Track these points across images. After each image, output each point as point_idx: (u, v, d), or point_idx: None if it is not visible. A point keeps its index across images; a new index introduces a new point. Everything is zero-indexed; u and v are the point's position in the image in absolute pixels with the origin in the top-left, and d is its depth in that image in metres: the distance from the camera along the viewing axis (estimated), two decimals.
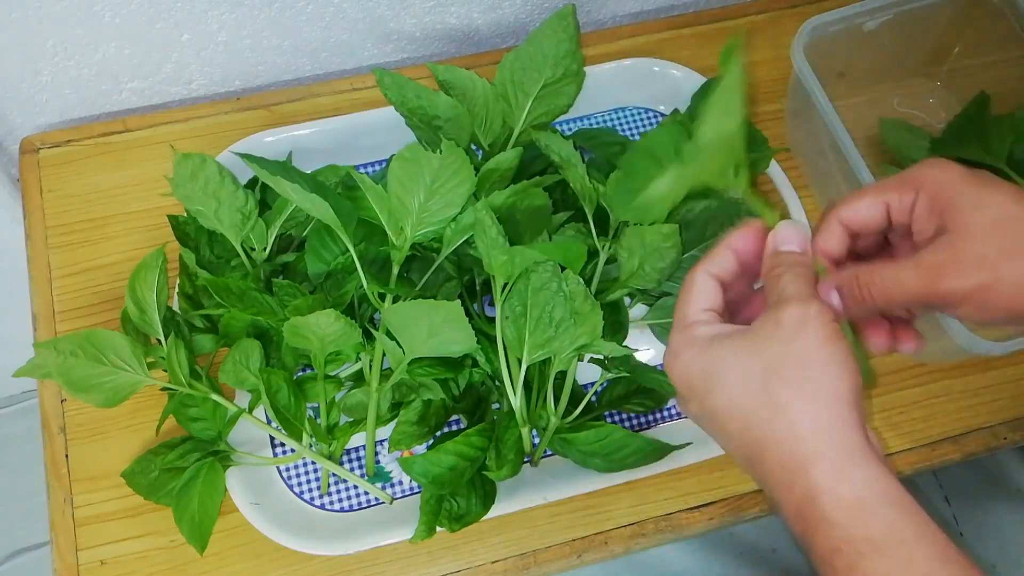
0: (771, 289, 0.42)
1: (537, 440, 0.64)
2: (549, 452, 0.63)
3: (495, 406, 0.64)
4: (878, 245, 0.46)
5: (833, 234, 0.43)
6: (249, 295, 0.59)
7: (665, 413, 0.67)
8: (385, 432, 0.63)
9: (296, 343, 0.58)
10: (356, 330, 0.57)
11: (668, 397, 0.65)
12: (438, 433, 0.62)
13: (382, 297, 0.60)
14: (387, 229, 0.59)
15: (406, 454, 0.62)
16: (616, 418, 0.66)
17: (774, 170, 0.71)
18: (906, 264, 0.40)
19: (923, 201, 0.41)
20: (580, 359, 0.62)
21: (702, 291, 0.44)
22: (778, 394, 0.39)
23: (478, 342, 0.58)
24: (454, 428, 0.65)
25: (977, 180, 0.40)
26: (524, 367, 0.59)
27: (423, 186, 0.57)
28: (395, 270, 0.60)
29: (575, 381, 0.63)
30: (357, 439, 0.64)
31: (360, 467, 0.65)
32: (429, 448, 0.59)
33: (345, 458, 0.65)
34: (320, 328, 0.56)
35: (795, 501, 0.38)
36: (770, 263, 0.43)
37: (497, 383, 0.62)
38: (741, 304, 0.47)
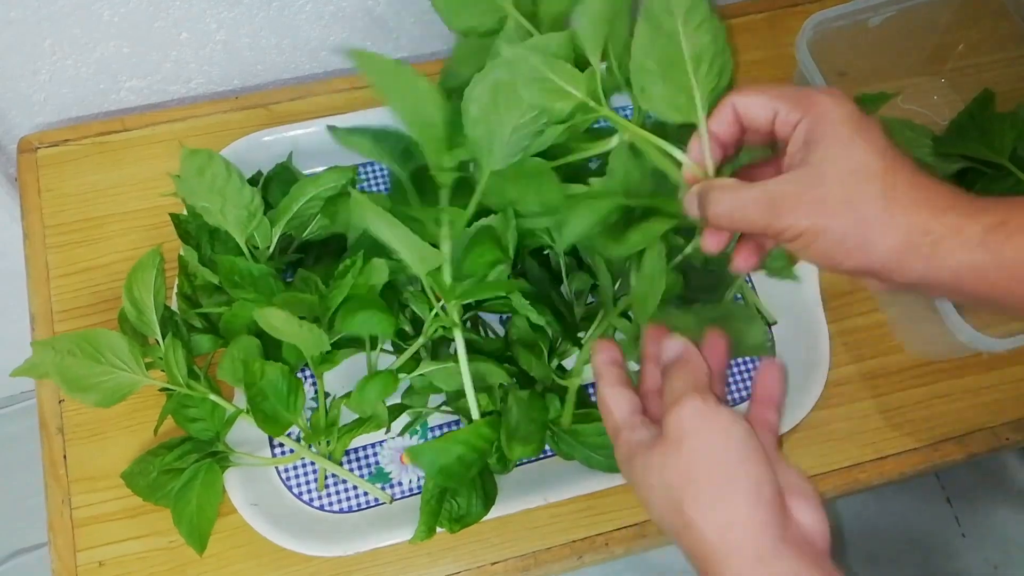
0: (662, 392, 0.44)
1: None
2: (551, 452, 0.63)
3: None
4: (763, 165, 0.46)
5: (724, 118, 0.44)
6: (264, 279, 0.59)
7: None
8: (382, 435, 0.63)
9: (280, 337, 0.58)
10: (319, 335, 0.57)
11: None
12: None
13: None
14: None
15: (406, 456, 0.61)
16: None
17: None
18: (752, 189, 0.41)
19: (804, 126, 0.41)
20: None
21: (614, 400, 0.45)
22: (683, 511, 0.39)
23: (551, 320, 0.60)
24: (454, 428, 0.64)
25: (858, 124, 0.40)
26: None
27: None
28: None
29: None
30: (357, 440, 0.64)
31: (360, 467, 0.64)
32: (436, 439, 0.58)
33: (345, 458, 0.64)
34: (279, 327, 0.56)
35: None
36: (664, 376, 0.45)
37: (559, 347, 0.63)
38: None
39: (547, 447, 0.62)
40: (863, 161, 0.39)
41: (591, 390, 0.67)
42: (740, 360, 0.69)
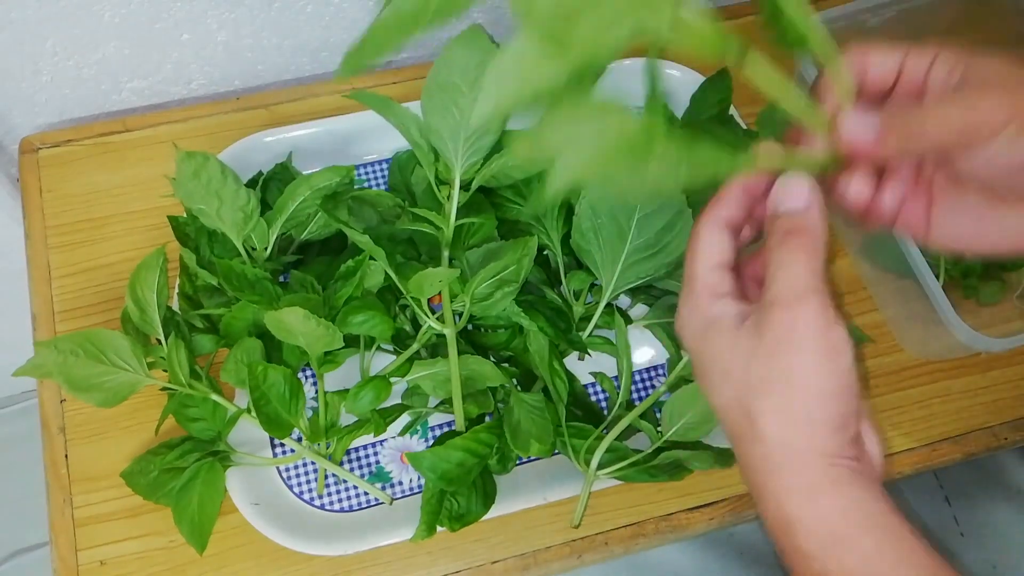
0: (766, 271, 0.37)
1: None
2: (555, 452, 0.63)
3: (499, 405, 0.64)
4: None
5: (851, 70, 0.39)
6: (261, 283, 0.59)
7: None
8: (384, 435, 0.63)
9: (285, 338, 0.58)
10: (333, 332, 0.57)
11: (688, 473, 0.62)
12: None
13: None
14: (429, 163, 0.60)
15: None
16: None
17: None
18: (940, 101, 0.36)
19: (943, 58, 0.37)
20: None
21: (707, 245, 0.39)
22: (755, 416, 0.36)
23: (551, 320, 0.59)
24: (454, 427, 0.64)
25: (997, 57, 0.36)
26: None
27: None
28: (454, 201, 0.60)
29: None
30: (357, 439, 0.64)
31: (360, 467, 0.65)
32: (433, 445, 0.59)
33: (345, 458, 0.65)
34: (292, 325, 0.56)
35: (774, 525, 0.37)
36: (769, 230, 0.38)
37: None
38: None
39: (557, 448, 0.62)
40: None
41: (591, 389, 0.67)
42: None
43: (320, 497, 0.63)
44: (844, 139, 0.37)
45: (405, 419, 0.65)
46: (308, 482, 0.64)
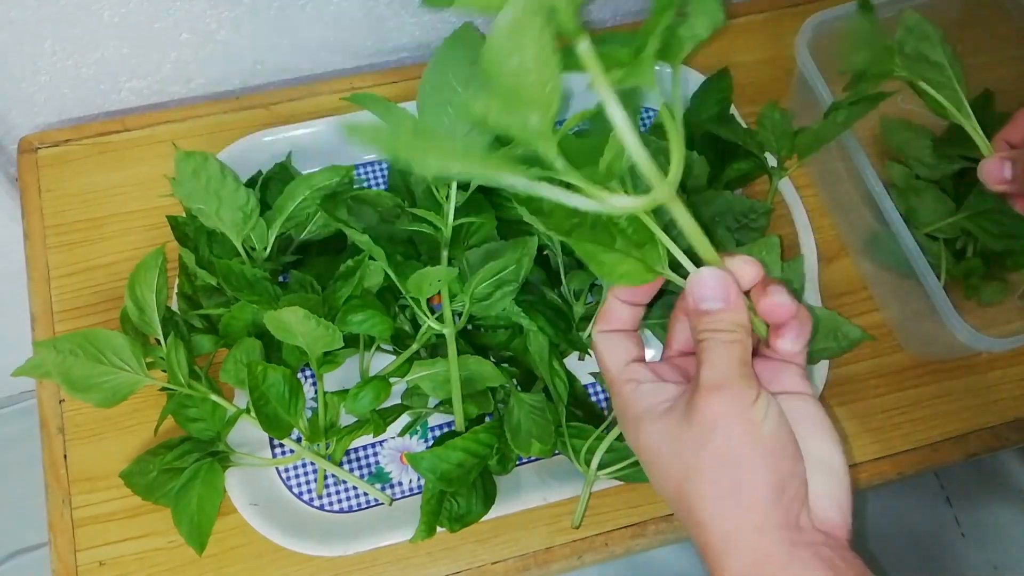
0: (697, 361, 0.39)
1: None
2: (555, 452, 0.63)
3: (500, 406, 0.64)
4: None
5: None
6: (260, 283, 0.59)
7: None
8: (383, 436, 0.63)
9: (285, 338, 0.58)
10: (333, 332, 0.57)
11: None
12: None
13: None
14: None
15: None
16: None
17: None
18: None
19: None
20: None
21: (609, 350, 0.42)
22: (691, 502, 0.37)
23: (551, 320, 0.59)
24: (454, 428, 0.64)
25: None
26: None
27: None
28: (452, 201, 0.60)
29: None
30: (357, 440, 0.64)
31: (360, 468, 0.64)
32: (433, 445, 0.59)
33: (345, 458, 0.64)
34: (292, 325, 0.56)
35: None
36: (693, 325, 0.39)
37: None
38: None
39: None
40: None
41: (591, 389, 0.67)
42: None
43: (320, 498, 0.63)
44: (986, 179, 0.47)
45: (405, 419, 0.64)
46: (307, 483, 0.63)
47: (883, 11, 0.69)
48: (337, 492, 0.63)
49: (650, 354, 0.68)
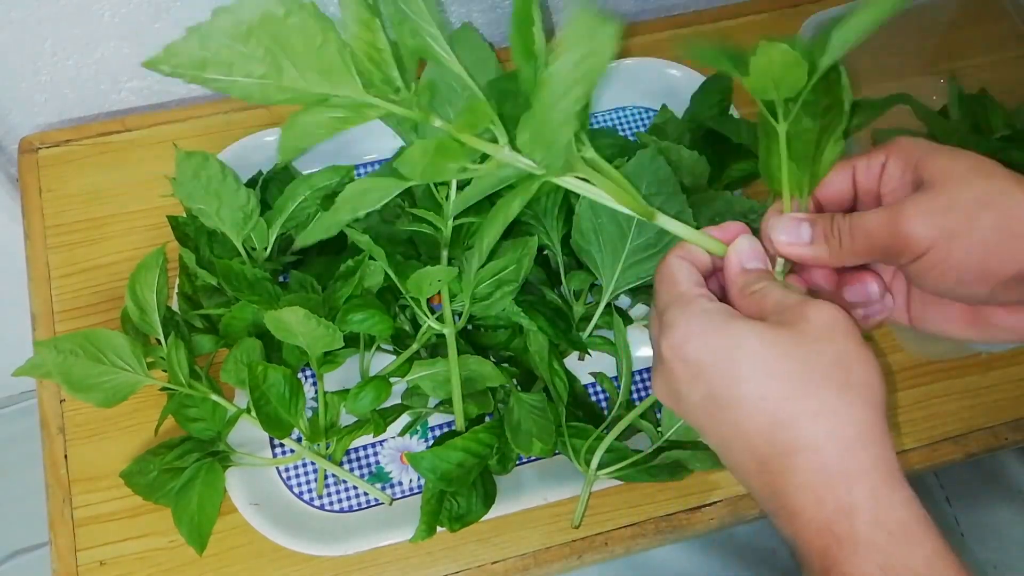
0: (757, 306, 0.38)
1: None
2: (555, 452, 0.63)
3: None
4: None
5: (802, 211, 0.41)
6: (260, 283, 0.59)
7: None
8: (383, 436, 0.63)
9: (285, 338, 0.58)
10: (334, 332, 0.57)
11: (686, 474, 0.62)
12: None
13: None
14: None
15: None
16: None
17: None
18: (874, 210, 0.38)
19: (894, 162, 0.39)
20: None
21: (684, 271, 0.40)
22: (822, 396, 0.34)
23: (551, 320, 0.59)
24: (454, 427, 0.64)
25: (948, 147, 0.38)
26: None
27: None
28: (452, 201, 0.60)
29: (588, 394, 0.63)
30: (357, 439, 0.64)
31: (360, 467, 0.64)
32: (433, 445, 0.59)
33: (345, 458, 0.65)
34: (292, 325, 0.56)
35: (824, 515, 0.34)
36: (742, 280, 0.39)
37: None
38: None
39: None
40: (980, 162, 0.36)
41: (591, 389, 0.67)
42: None
43: (320, 497, 0.63)
44: (779, 249, 0.40)
45: (405, 419, 0.65)
46: (308, 482, 0.63)
47: None
48: (337, 492, 0.63)
49: (650, 354, 0.68)
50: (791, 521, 0.35)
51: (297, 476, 0.64)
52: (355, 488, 0.63)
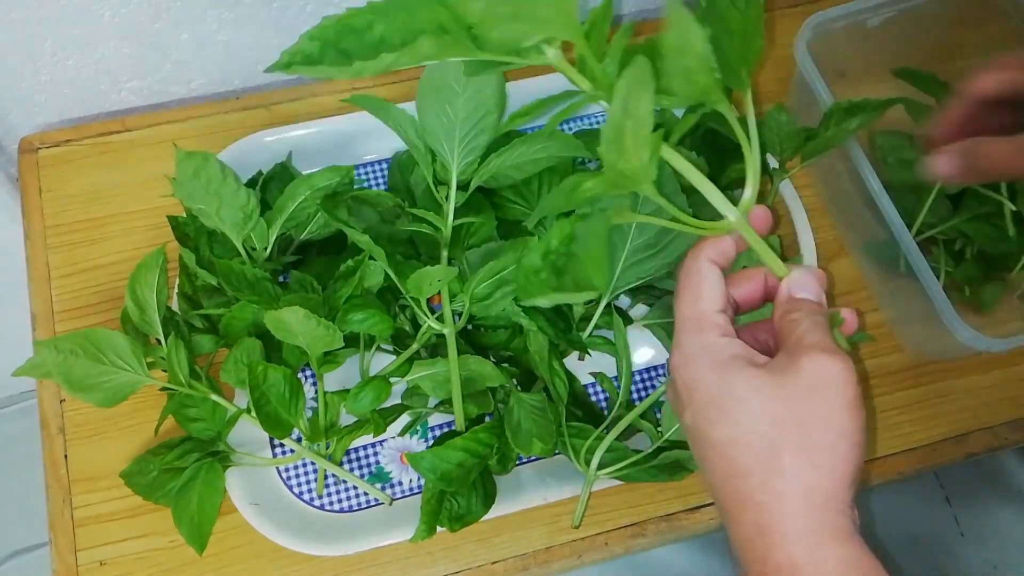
0: (787, 333, 0.39)
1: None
2: (555, 452, 0.63)
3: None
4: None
5: (961, 107, 0.50)
6: (260, 283, 0.59)
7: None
8: (383, 436, 0.63)
9: (285, 337, 0.58)
10: (334, 332, 0.57)
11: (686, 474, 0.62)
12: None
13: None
14: (426, 164, 0.61)
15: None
16: None
17: None
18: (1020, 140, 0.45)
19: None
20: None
21: (712, 284, 0.40)
22: (783, 457, 0.36)
23: (551, 320, 0.59)
24: (454, 427, 0.64)
25: None
26: None
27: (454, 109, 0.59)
28: (452, 201, 0.60)
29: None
30: (357, 439, 0.64)
31: (360, 467, 0.64)
32: (433, 445, 0.59)
33: (345, 458, 0.65)
34: (292, 325, 0.56)
35: (768, 571, 0.36)
36: (786, 307, 0.40)
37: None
38: None
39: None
40: None
41: (591, 389, 0.67)
42: None
43: (320, 497, 0.63)
44: (935, 173, 0.49)
45: (405, 419, 0.65)
46: (308, 482, 0.63)
47: (883, 11, 0.69)
48: (337, 492, 0.63)
49: (650, 354, 0.68)
50: (742, 566, 0.37)
51: (297, 476, 0.64)
52: (355, 488, 0.63)
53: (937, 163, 0.49)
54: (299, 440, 0.62)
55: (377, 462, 0.65)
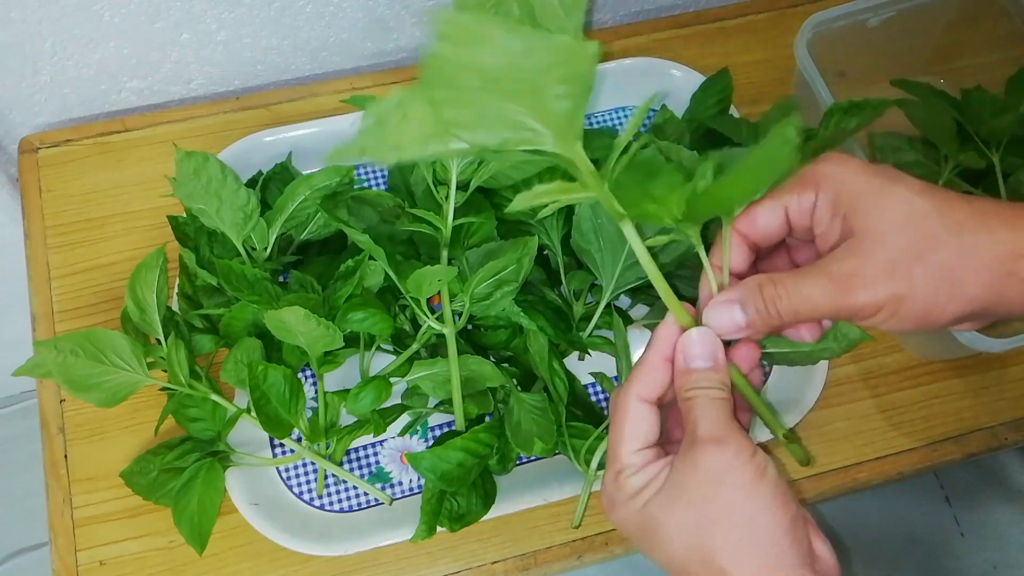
0: (685, 416, 0.40)
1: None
2: (557, 452, 0.63)
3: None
4: (777, 251, 0.44)
5: (732, 250, 0.41)
6: (260, 283, 0.59)
7: None
8: (383, 436, 0.63)
9: (285, 337, 0.58)
10: (334, 332, 0.57)
11: None
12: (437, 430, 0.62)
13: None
14: (426, 164, 0.61)
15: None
16: None
17: None
18: (812, 275, 0.38)
19: (824, 202, 0.39)
20: None
21: (635, 422, 0.41)
22: (718, 555, 0.37)
23: (551, 320, 0.59)
24: (454, 427, 0.64)
25: (879, 174, 0.38)
26: None
27: None
28: (451, 201, 0.60)
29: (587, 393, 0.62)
30: (357, 439, 0.64)
31: (360, 467, 0.65)
32: (433, 445, 0.59)
33: (345, 458, 0.65)
34: (292, 325, 0.56)
35: None
36: (680, 383, 0.40)
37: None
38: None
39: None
40: (908, 206, 0.36)
41: (591, 389, 0.67)
42: None
43: (320, 497, 0.63)
44: (722, 336, 0.41)
45: (405, 419, 0.65)
46: (308, 482, 0.63)
47: (883, 11, 0.69)
48: (337, 492, 0.63)
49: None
50: None
51: (297, 476, 0.64)
52: (355, 488, 0.63)
53: (712, 317, 0.40)
54: (299, 440, 0.63)
55: (377, 462, 0.65)
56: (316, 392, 0.63)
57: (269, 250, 0.63)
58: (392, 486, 0.64)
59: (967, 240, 0.36)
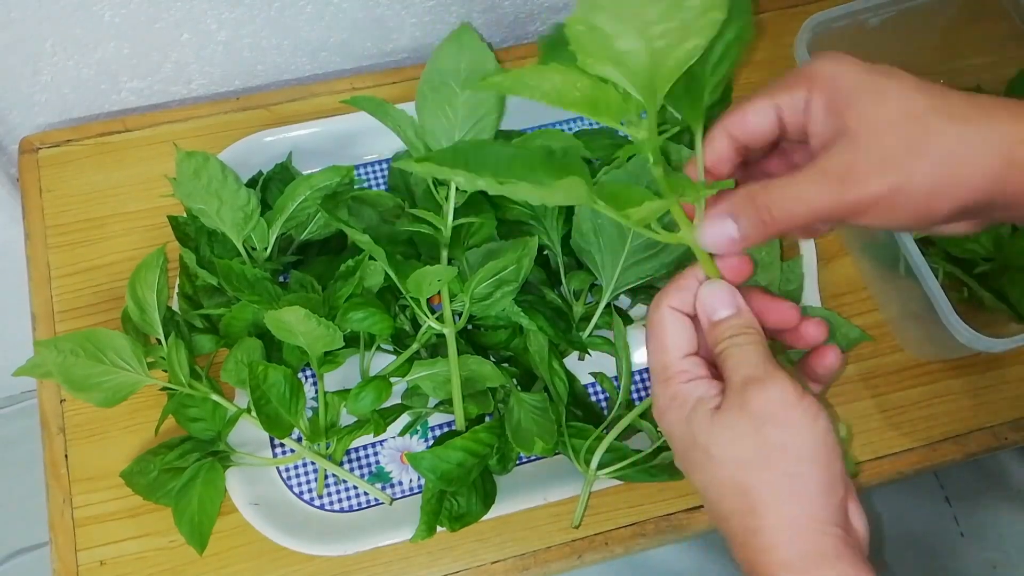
0: (723, 369, 0.39)
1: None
2: (557, 452, 0.63)
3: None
4: (770, 155, 0.42)
5: (722, 151, 0.40)
6: (261, 283, 0.59)
7: None
8: (383, 436, 0.63)
9: (285, 337, 0.58)
10: (334, 332, 0.57)
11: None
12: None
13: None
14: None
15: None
16: None
17: None
18: (807, 175, 0.36)
19: (818, 100, 0.37)
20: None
21: (675, 332, 0.40)
22: (749, 489, 0.36)
23: (551, 320, 0.60)
24: (454, 427, 0.64)
25: (875, 71, 0.37)
26: None
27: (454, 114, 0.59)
28: (451, 201, 0.60)
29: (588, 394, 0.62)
30: (357, 439, 0.64)
31: (360, 467, 0.65)
32: (433, 445, 0.59)
33: (345, 458, 0.65)
34: (292, 325, 0.56)
35: None
36: (711, 340, 0.40)
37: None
38: None
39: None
40: (905, 102, 0.35)
41: (591, 389, 0.67)
42: None
43: (320, 497, 0.63)
44: (709, 249, 0.39)
45: (405, 419, 0.65)
46: (308, 482, 0.64)
47: (883, 11, 0.69)
48: (337, 492, 0.63)
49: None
50: None
51: (297, 476, 0.64)
52: (355, 488, 0.63)
53: (705, 234, 0.38)
54: (299, 440, 0.63)
55: (377, 462, 0.65)
56: (316, 392, 0.63)
57: (269, 250, 0.63)
58: (392, 486, 0.64)
59: (968, 128, 0.34)
